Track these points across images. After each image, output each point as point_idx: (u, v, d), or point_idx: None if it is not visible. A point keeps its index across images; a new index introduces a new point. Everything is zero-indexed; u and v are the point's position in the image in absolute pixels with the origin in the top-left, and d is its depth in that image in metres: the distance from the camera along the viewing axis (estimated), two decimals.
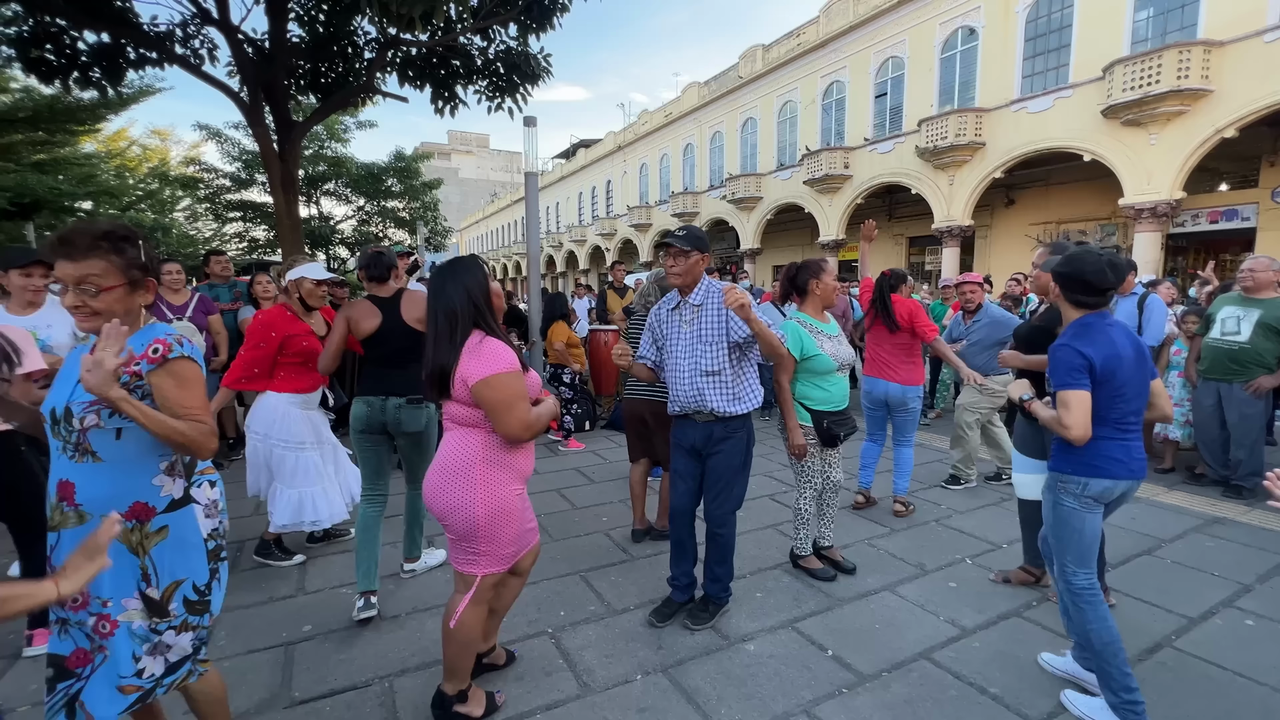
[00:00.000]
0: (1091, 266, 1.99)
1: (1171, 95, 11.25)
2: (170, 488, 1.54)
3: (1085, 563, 2.05)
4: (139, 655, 1.47)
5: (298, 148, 7.81)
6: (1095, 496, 2.02)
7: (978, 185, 15.18)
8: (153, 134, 23.17)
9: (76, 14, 6.25)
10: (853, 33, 18.05)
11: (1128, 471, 2.00)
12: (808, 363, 2.92)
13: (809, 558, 3.12)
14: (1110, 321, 2.03)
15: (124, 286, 1.47)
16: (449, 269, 1.93)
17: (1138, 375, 1.99)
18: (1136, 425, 2.02)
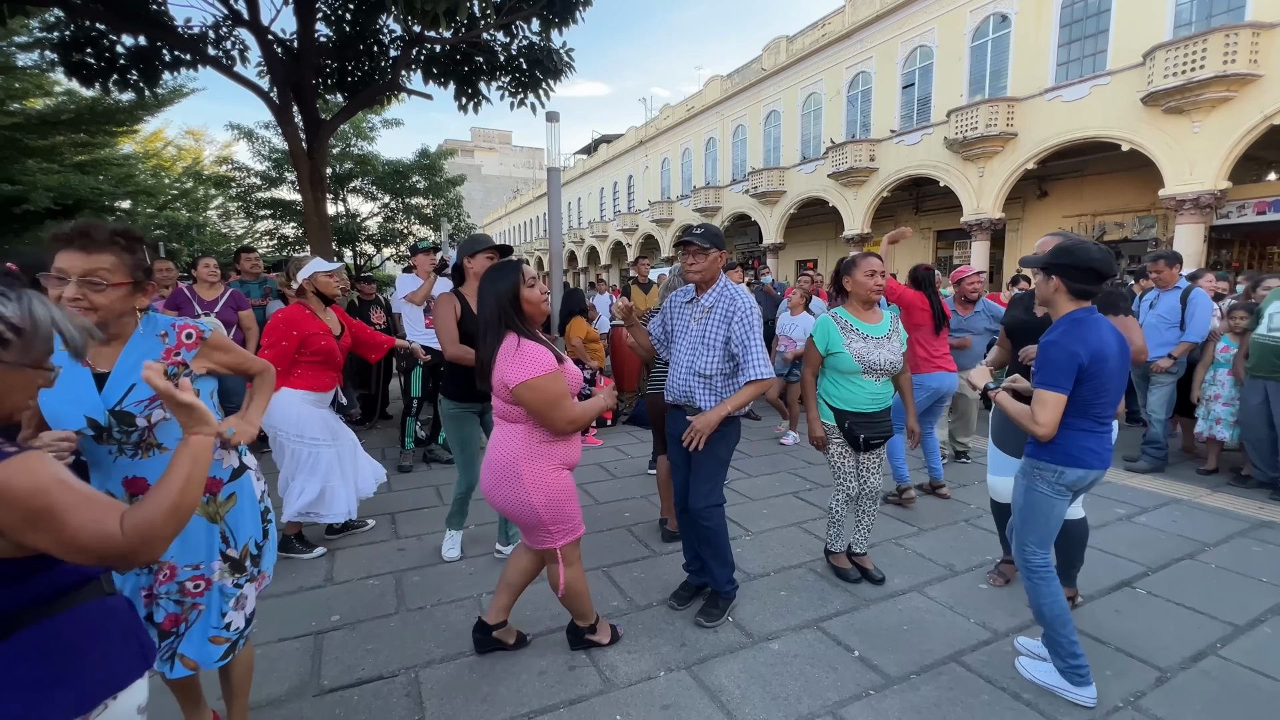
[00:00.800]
0: (1098, 254, 2.00)
1: (1217, 81, 10.79)
2: (229, 459, 1.72)
3: (1045, 544, 2.19)
4: (226, 611, 1.68)
5: (325, 146, 7.95)
6: (1069, 485, 2.11)
7: (1009, 177, 14.77)
8: (187, 134, 23.79)
9: (115, 18, 6.43)
10: (879, 22, 17.67)
11: (1101, 462, 2.11)
12: (831, 360, 2.84)
13: (840, 555, 3.06)
14: (1099, 317, 2.07)
15: (129, 285, 1.49)
16: (488, 275, 2.08)
17: (1119, 371, 2.06)
18: (1112, 417, 2.13)
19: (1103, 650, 2.41)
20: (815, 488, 4.39)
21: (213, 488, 1.67)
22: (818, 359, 2.87)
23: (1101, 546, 3.36)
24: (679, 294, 2.72)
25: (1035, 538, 2.17)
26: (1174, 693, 2.16)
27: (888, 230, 20.30)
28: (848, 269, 2.93)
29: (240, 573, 1.71)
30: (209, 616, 1.64)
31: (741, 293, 2.55)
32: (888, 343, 2.85)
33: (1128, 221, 14.64)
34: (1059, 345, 1.98)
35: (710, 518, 2.56)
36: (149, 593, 1.60)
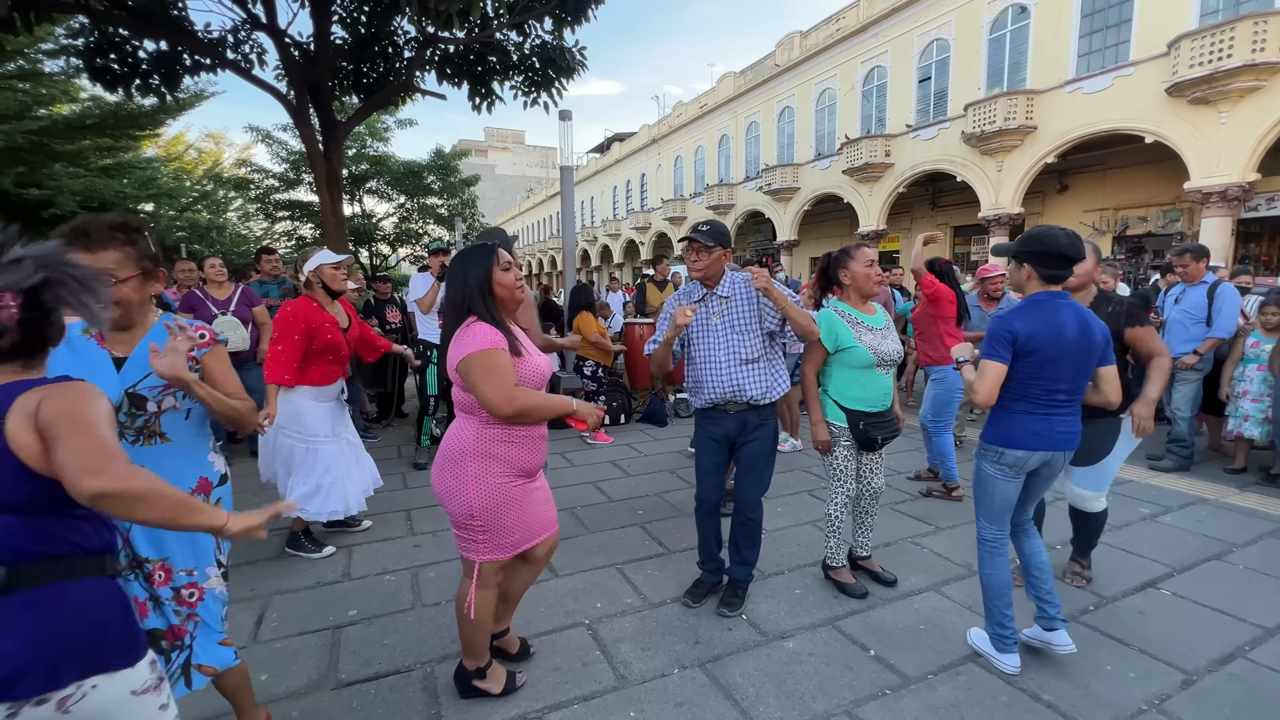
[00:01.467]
0: (1066, 240, 2.07)
1: (1245, 70, 10.50)
2: (219, 464, 1.74)
3: (993, 521, 2.28)
4: (223, 617, 1.69)
5: (341, 147, 8.04)
6: (1010, 465, 2.18)
7: (1028, 171, 14.51)
8: (207, 137, 24.26)
9: (137, 23, 6.56)
10: (895, 15, 17.45)
11: (1045, 444, 2.14)
12: (842, 355, 2.68)
13: (841, 569, 2.89)
14: (1064, 301, 2.11)
15: (138, 277, 1.52)
16: (459, 259, 1.96)
17: (1077, 356, 2.08)
18: (1067, 402, 2.13)
19: (1126, 652, 2.37)
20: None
21: (205, 489, 1.67)
22: (822, 356, 2.73)
23: (1125, 547, 3.30)
24: (684, 297, 2.68)
25: (984, 513, 2.30)
26: (1200, 696, 2.11)
27: (903, 226, 20.03)
28: (841, 261, 2.80)
29: (226, 581, 1.72)
30: (209, 626, 1.64)
31: (749, 275, 2.56)
32: (889, 334, 2.80)
33: (1151, 215, 14.31)
34: (1000, 319, 2.14)
35: (757, 510, 2.64)
36: (151, 596, 1.58)
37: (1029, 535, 2.35)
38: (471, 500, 1.88)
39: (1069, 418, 2.15)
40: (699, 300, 2.61)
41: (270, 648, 2.41)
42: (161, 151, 20.13)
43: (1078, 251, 2.08)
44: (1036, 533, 2.37)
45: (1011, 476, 2.20)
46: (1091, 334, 2.10)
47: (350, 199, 18.67)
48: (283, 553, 3.25)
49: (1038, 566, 2.29)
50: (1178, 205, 13.50)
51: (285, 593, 2.85)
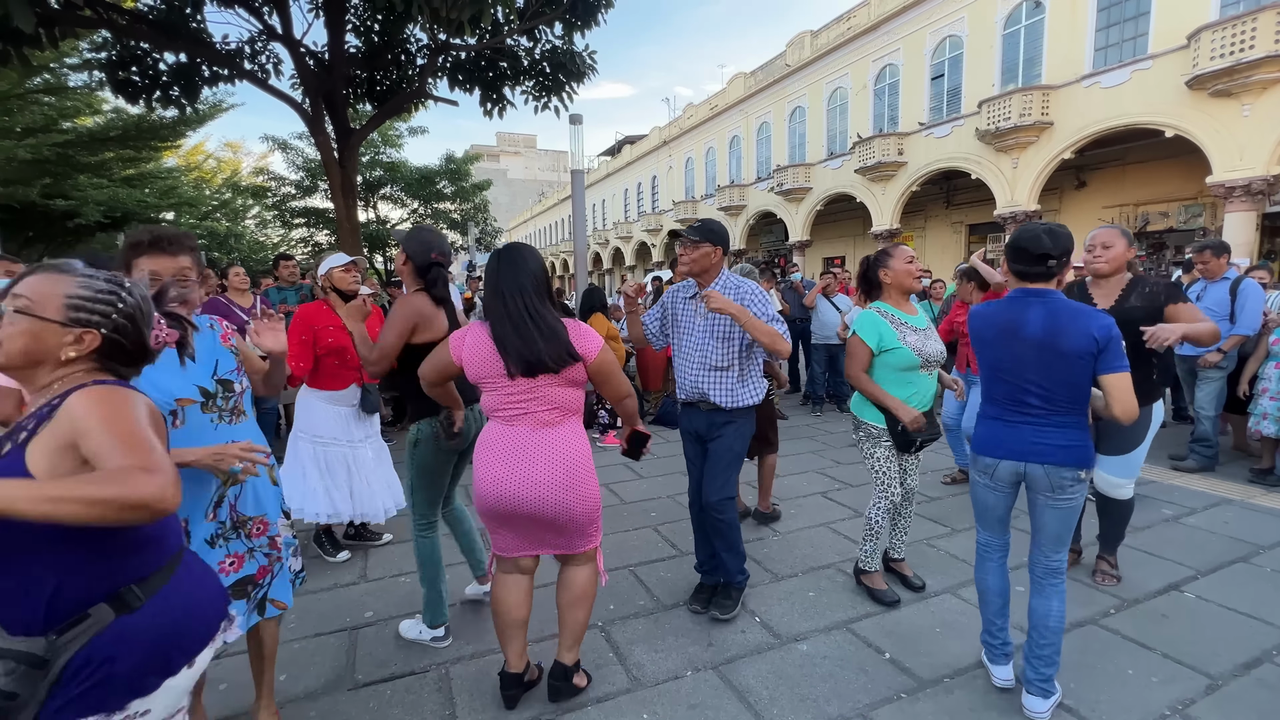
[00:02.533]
0: (1026, 233, 1.98)
1: (1268, 61, 10.26)
2: None
3: (983, 526, 2.19)
4: (288, 560, 1.91)
5: (355, 154, 8.15)
6: (982, 470, 2.10)
7: (1044, 167, 14.30)
8: (226, 146, 24.71)
9: (158, 37, 6.71)
10: (907, 13, 17.32)
11: (1010, 452, 2.00)
12: (885, 357, 2.58)
13: (874, 574, 2.82)
14: (1035, 298, 1.97)
15: (200, 280, 1.78)
16: (507, 255, 1.91)
17: (1043, 358, 1.92)
18: (1043, 411, 1.95)
19: (1149, 656, 2.32)
20: (844, 488, 4.33)
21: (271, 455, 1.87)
22: (866, 356, 2.61)
23: (1148, 549, 3.24)
24: (680, 290, 2.68)
25: (975, 516, 2.23)
26: (1226, 701, 2.07)
27: (917, 225, 19.84)
28: (882, 261, 2.73)
29: (291, 529, 1.95)
30: (285, 565, 1.88)
31: (746, 280, 2.54)
32: (932, 334, 2.70)
33: (1173, 211, 14.04)
34: (971, 312, 2.18)
35: (724, 510, 2.58)
36: (250, 549, 1.78)
37: (1040, 591, 2.03)
38: (598, 493, 2.00)
39: (1046, 428, 1.94)
40: (690, 297, 2.61)
41: (288, 649, 2.44)
42: (182, 161, 20.54)
43: (1037, 244, 1.94)
44: (1053, 590, 2.01)
45: (988, 484, 2.09)
46: (1062, 335, 1.88)
47: (365, 205, 18.89)
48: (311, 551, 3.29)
49: (1035, 625, 2.01)
50: (1200, 200, 13.23)
51: (302, 594, 2.89)
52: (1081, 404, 1.94)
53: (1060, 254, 1.95)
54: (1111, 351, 1.85)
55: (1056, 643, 1.99)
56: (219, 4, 6.90)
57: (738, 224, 25.64)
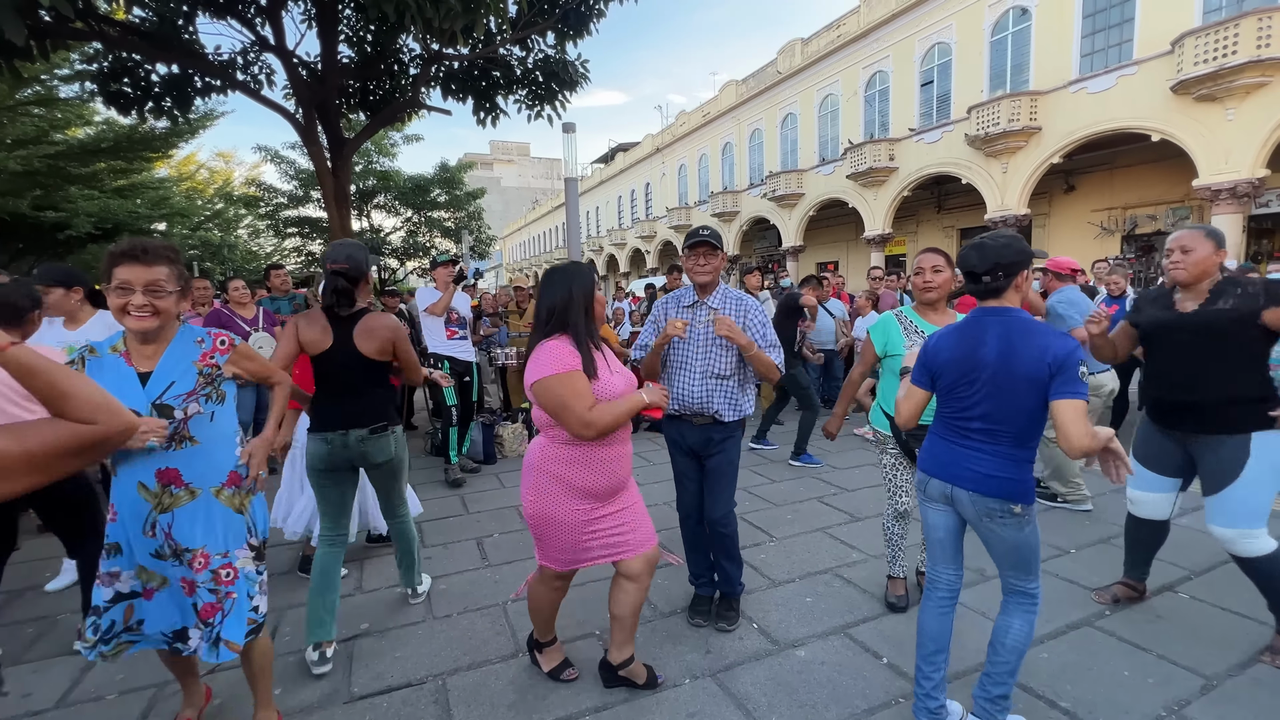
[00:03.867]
0: (963, 250, 1.91)
1: (1251, 66, 10.44)
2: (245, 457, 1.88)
3: (927, 549, 2.08)
4: (253, 595, 1.82)
5: (349, 163, 8.14)
6: (918, 485, 2.03)
7: (1034, 172, 14.46)
8: (218, 156, 24.68)
9: (149, 48, 6.70)
10: (896, 20, 17.52)
11: (942, 471, 1.91)
12: (889, 361, 2.62)
13: (895, 580, 2.80)
14: (992, 316, 1.82)
15: (178, 293, 1.73)
16: (562, 271, 2.01)
17: (994, 382, 1.76)
18: (983, 438, 1.80)
19: (1144, 657, 2.34)
20: (840, 492, 4.34)
21: (236, 481, 1.82)
22: (872, 358, 2.69)
23: None
24: (673, 301, 2.63)
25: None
26: (1221, 701, 2.08)
27: (909, 230, 20.02)
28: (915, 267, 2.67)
29: (260, 560, 1.87)
30: (242, 603, 1.78)
31: (746, 296, 2.58)
32: None
33: (1160, 214, 14.21)
34: (925, 342, 2.06)
35: (729, 523, 2.59)
36: (188, 581, 1.75)
37: (1005, 608, 1.91)
38: (527, 509, 2.04)
39: (979, 454, 1.81)
40: (690, 305, 2.56)
41: (284, 661, 2.42)
42: (174, 172, 20.50)
43: (965, 262, 1.87)
44: (1016, 607, 1.88)
45: (924, 500, 2.00)
46: (1016, 357, 1.73)
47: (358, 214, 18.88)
48: (293, 570, 3.28)
49: (994, 644, 1.89)
50: (1187, 203, 13.40)
51: (297, 606, 2.86)
52: (1026, 436, 1.77)
53: (988, 269, 1.79)
54: (1065, 376, 1.66)
55: (1012, 662, 1.84)
56: (211, 15, 6.90)
57: (731, 230, 25.76)
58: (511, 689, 2.24)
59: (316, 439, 2.44)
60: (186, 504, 1.72)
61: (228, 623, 1.75)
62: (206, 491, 1.75)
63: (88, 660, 2.45)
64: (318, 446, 2.44)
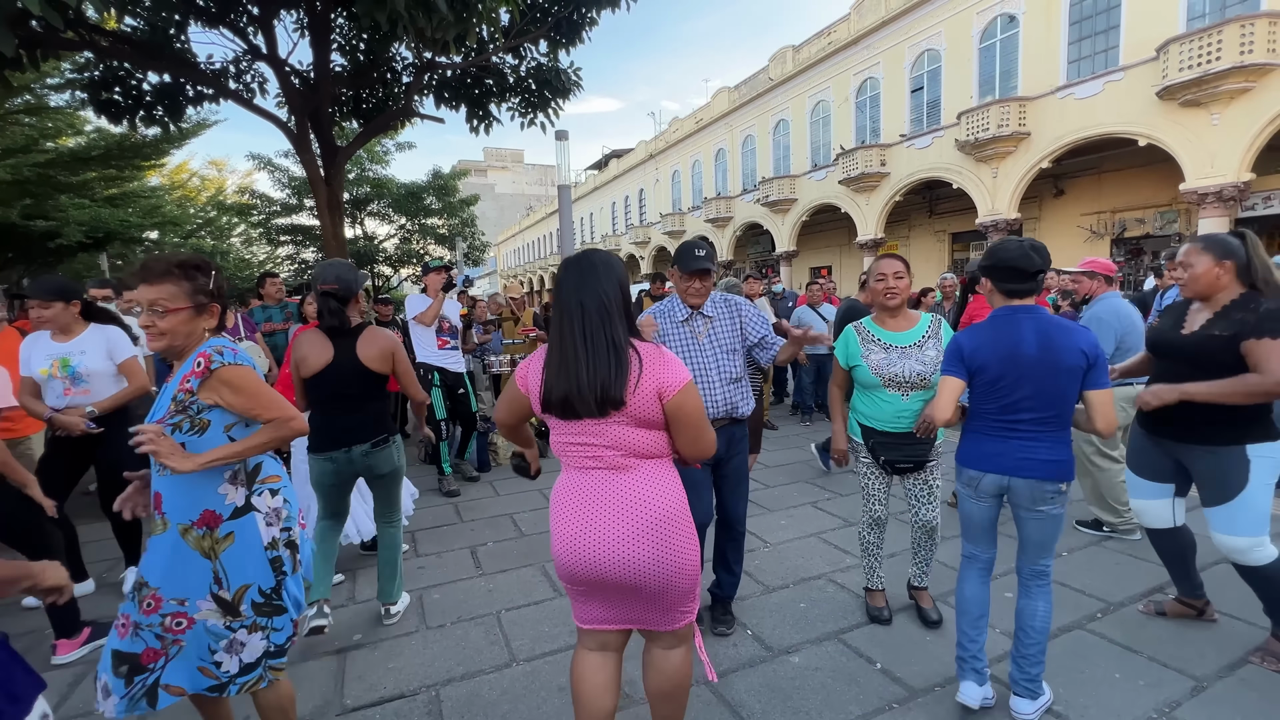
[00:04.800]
0: (1015, 251, 1.99)
1: (1234, 72, 10.60)
2: (234, 496, 1.65)
3: (966, 536, 2.19)
4: (215, 649, 1.60)
5: (342, 171, 8.15)
6: (966, 483, 2.11)
7: (1023, 177, 14.61)
8: (210, 164, 24.62)
9: (141, 57, 6.70)
10: (886, 28, 17.70)
11: (996, 465, 2.01)
12: (854, 372, 2.66)
13: (873, 593, 2.79)
14: (1025, 314, 1.98)
15: (188, 310, 1.61)
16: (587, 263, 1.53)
17: (1039, 375, 1.92)
18: (1034, 426, 1.95)
19: (1135, 659, 2.35)
20: (834, 497, 4.35)
21: (210, 522, 1.60)
22: (841, 372, 2.73)
23: (1131, 551, 3.29)
24: (667, 316, 2.58)
25: (961, 528, 2.22)
26: (1211, 702, 2.10)
27: (901, 234, 20.14)
28: (870, 273, 2.74)
29: (233, 616, 1.60)
30: (191, 652, 1.58)
31: (734, 296, 2.65)
32: (917, 351, 2.52)
33: (1149, 217, 14.36)
34: (954, 339, 2.10)
35: (744, 521, 2.69)
36: (127, 621, 1.57)
37: (1026, 592, 2.06)
38: (698, 557, 1.57)
39: (1034, 443, 1.95)
40: (684, 320, 2.56)
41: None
42: (165, 180, 20.41)
43: (1030, 263, 1.96)
44: (1039, 591, 2.03)
45: (971, 496, 2.10)
46: (1057, 351, 1.90)
47: (352, 222, 18.86)
48: None
49: (1021, 626, 2.03)
50: (1174, 206, 13.55)
51: None
52: (1068, 419, 1.97)
53: (1042, 269, 1.99)
54: (1099, 367, 1.91)
55: (1042, 642, 2.01)
56: (203, 25, 6.90)
57: (725, 235, 25.87)
58: (505, 699, 2.23)
59: (320, 460, 2.52)
60: (160, 533, 1.60)
61: (170, 667, 1.57)
62: (174, 527, 1.58)
63: (75, 676, 2.44)
64: (323, 466, 2.54)
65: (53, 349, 2.90)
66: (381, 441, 2.59)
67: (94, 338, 2.97)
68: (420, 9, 5.00)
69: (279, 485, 1.73)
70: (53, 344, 2.92)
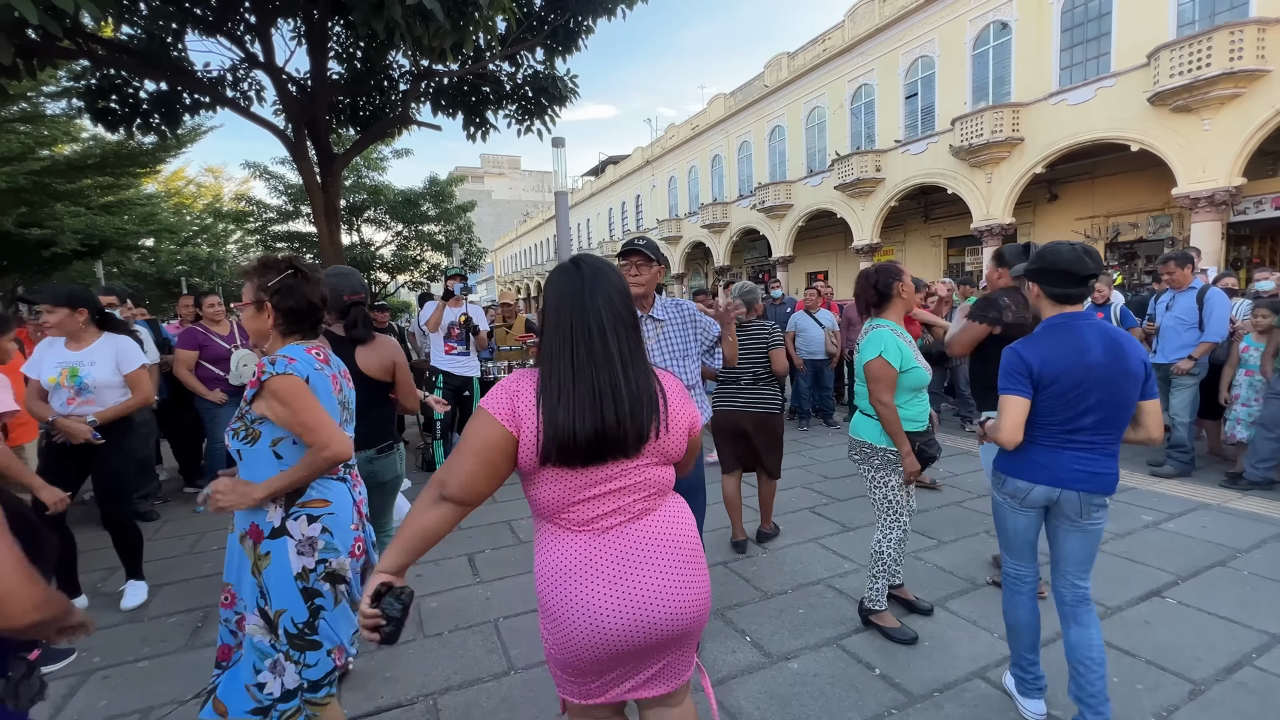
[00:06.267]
0: (1069, 255, 1.87)
1: (1224, 78, 10.71)
2: (273, 515, 1.61)
3: (1010, 554, 2.11)
4: (260, 668, 1.56)
5: (339, 179, 8.15)
6: (1013, 494, 2.00)
7: (1017, 182, 14.71)
8: (206, 171, 24.60)
9: (138, 65, 6.70)
10: (880, 35, 17.84)
11: (1049, 478, 1.91)
12: (904, 377, 2.49)
13: (883, 614, 2.63)
14: (1087, 322, 1.89)
15: (251, 306, 1.69)
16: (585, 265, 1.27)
17: (1107, 384, 1.82)
18: (1092, 437, 1.86)
19: (1133, 663, 2.35)
20: (832, 502, 4.35)
21: (255, 536, 1.58)
22: (894, 378, 2.47)
23: (1128, 555, 3.29)
24: None
25: (1001, 544, 2.14)
26: (1208, 706, 2.10)
27: (897, 239, 20.21)
28: (897, 275, 2.59)
29: (273, 635, 1.57)
30: (244, 665, 1.57)
31: (682, 300, 2.59)
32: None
33: (1142, 222, 14.46)
34: (1012, 350, 1.94)
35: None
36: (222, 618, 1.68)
37: (1076, 620, 1.96)
38: (703, 604, 1.31)
39: (1090, 455, 1.87)
40: None
41: None
42: (161, 187, 20.40)
43: (1083, 267, 1.85)
44: (1089, 619, 1.96)
45: (1017, 509, 2.00)
46: (1125, 359, 1.83)
47: (349, 229, 18.82)
48: None
49: (1080, 660, 1.92)
50: (1167, 211, 13.66)
51: None
52: (1123, 429, 1.90)
53: (1100, 272, 1.94)
54: (1152, 377, 1.89)
55: (1104, 673, 1.91)
56: (201, 33, 6.92)
57: (721, 241, 25.95)
58: (504, 708, 2.22)
59: None
60: (231, 533, 1.67)
61: (223, 680, 1.59)
62: (237, 532, 1.64)
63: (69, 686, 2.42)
64: None
65: (64, 357, 2.88)
66: (386, 448, 2.60)
67: (104, 349, 2.94)
68: (418, 17, 5.02)
69: (321, 511, 1.62)
70: (65, 352, 2.90)
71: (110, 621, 2.93)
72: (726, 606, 2.90)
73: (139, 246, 16.59)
